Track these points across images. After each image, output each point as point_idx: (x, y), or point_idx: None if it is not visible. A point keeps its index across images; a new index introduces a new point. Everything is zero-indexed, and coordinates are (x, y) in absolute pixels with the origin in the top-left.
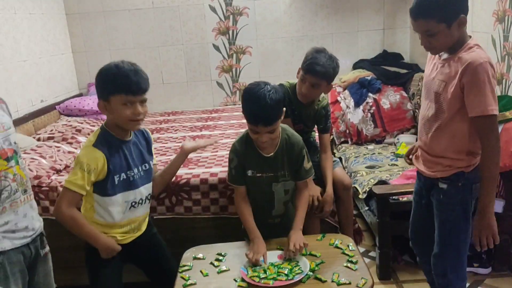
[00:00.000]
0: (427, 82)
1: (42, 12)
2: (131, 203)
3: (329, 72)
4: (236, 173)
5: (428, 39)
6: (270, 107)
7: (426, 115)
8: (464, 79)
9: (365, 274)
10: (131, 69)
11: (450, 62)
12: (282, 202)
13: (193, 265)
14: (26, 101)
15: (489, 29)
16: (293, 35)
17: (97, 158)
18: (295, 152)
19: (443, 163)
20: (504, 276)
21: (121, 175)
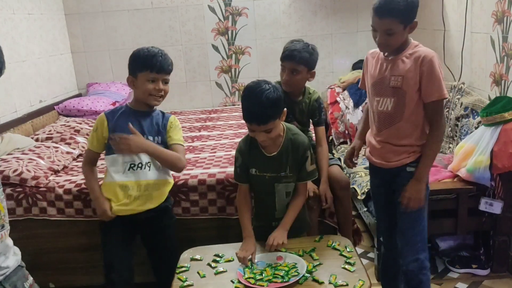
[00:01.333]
0: (378, 81)
1: (41, 12)
2: (130, 165)
3: (305, 56)
4: (240, 172)
5: (386, 37)
6: (264, 107)
7: (382, 111)
8: (422, 69)
9: (362, 275)
10: (158, 51)
11: (402, 59)
12: (284, 205)
13: (190, 266)
14: (25, 101)
15: (488, 30)
16: (293, 36)
17: (100, 118)
18: (299, 153)
19: (408, 150)
20: (503, 278)
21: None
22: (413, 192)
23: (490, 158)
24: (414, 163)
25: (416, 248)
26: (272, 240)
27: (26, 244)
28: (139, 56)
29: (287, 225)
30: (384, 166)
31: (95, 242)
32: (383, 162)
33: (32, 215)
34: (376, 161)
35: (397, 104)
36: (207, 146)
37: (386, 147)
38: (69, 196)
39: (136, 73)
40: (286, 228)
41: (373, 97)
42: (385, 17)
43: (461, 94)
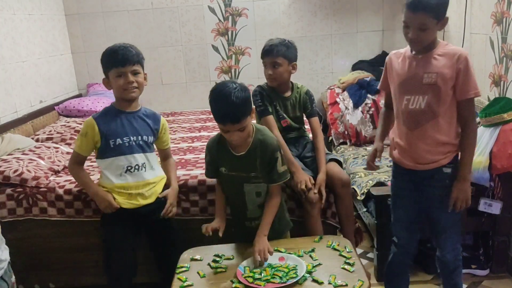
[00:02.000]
0: (408, 79)
1: (41, 13)
2: (126, 167)
3: (282, 49)
4: (210, 168)
5: (419, 33)
6: (236, 105)
7: (414, 109)
8: (459, 67)
9: (361, 276)
10: (119, 46)
11: (434, 57)
12: (255, 205)
13: (190, 266)
14: (25, 101)
15: (487, 30)
16: (292, 36)
17: (89, 123)
18: (268, 154)
19: (443, 150)
20: (502, 278)
21: (117, 140)
22: (460, 193)
23: (489, 159)
24: (450, 164)
25: (454, 241)
26: (259, 254)
27: (26, 244)
28: (104, 56)
29: (265, 230)
30: (418, 168)
31: (95, 242)
32: (417, 165)
33: (32, 215)
34: (409, 163)
35: (431, 101)
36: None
37: (419, 147)
38: (69, 197)
39: (107, 73)
40: (265, 233)
41: (401, 96)
42: (419, 12)
43: None
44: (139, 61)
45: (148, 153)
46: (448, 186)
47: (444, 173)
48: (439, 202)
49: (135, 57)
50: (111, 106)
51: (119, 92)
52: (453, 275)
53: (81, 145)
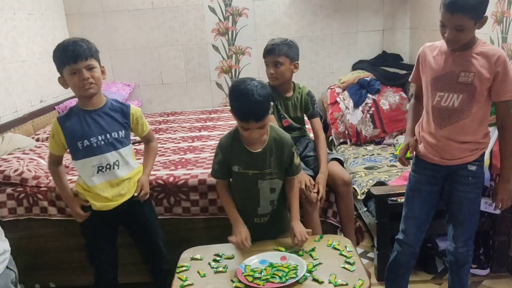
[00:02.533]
0: (443, 75)
1: (41, 12)
2: (98, 168)
3: (284, 49)
4: (219, 168)
5: (457, 33)
6: (259, 103)
7: (446, 106)
8: (497, 69)
9: (362, 275)
10: (69, 41)
11: (472, 56)
12: (268, 201)
13: (190, 266)
14: (26, 101)
15: (488, 30)
16: (293, 36)
17: (54, 125)
18: (284, 150)
19: (470, 147)
20: (502, 278)
21: (84, 141)
22: (504, 194)
23: (490, 158)
24: (476, 161)
25: (469, 235)
26: (299, 236)
27: (27, 243)
28: (55, 53)
29: (298, 215)
30: (445, 163)
31: None
32: (444, 160)
33: (33, 214)
34: (435, 158)
35: (465, 100)
36: (208, 146)
37: (448, 144)
38: None
39: (61, 72)
40: (298, 218)
41: (434, 92)
42: (457, 13)
43: None
44: (92, 55)
45: (121, 149)
46: (471, 183)
47: (469, 170)
48: (460, 197)
49: (87, 51)
50: (76, 106)
51: (76, 90)
52: (461, 271)
53: (52, 146)
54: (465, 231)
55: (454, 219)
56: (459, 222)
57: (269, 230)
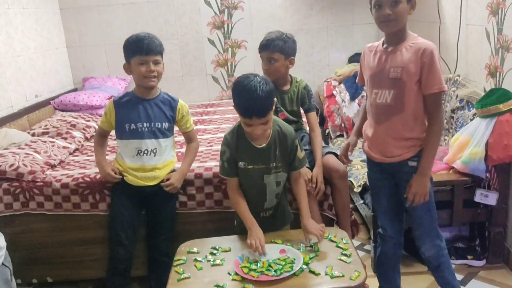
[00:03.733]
0: (377, 73)
1: (36, 7)
2: (137, 151)
3: (279, 44)
4: (228, 166)
5: (392, 8)
6: (262, 99)
7: (381, 103)
8: (423, 61)
9: (358, 267)
10: (145, 35)
11: (401, 50)
12: (274, 194)
13: (187, 259)
14: (21, 96)
15: (483, 22)
16: (289, 29)
17: (110, 105)
18: (288, 143)
19: (409, 144)
20: (498, 269)
21: (131, 124)
22: (418, 187)
23: (485, 150)
24: (415, 157)
25: (433, 235)
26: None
27: (23, 238)
28: (128, 43)
29: (308, 213)
30: (385, 161)
31: (92, 236)
32: (384, 158)
33: (29, 209)
34: (376, 156)
35: (397, 95)
36: (204, 139)
37: (386, 141)
38: (66, 191)
39: (129, 60)
40: (309, 216)
41: (371, 89)
42: None
43: (456, 86)
44: (160, 51)
45: (161, 139)
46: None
47: (410, 166)
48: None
49: (158, 48)
50: (131, 92)
51: (139, 79)
52: (438, 271)
53: (102, 122)
54: (425, 229)
55: (412, 218)
56: (416, 220)
57: (271, 223)
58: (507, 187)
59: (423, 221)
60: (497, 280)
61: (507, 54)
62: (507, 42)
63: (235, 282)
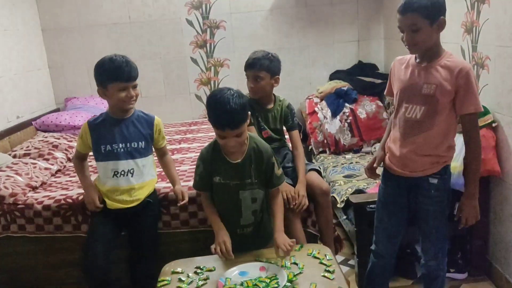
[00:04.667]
0: (408, 87)
1: (17, 28)
2: (113, 172)
3: (265, 63)
4: (200, 180)
5: (412, 34)
6: (235, 111)
7: (410, 118)
8: (459, 82)
9: (341, 283)
10: (122, 61)
11: (436, 68)
12: (250, 211)
13: (171, 280)
14: (2, 117)
15: (458, 39)
16: (271, 48)
17: (84, 128)
18: (264, 160)
19: (433, 160)
20: (481, 281)
21: (107, 146)
22: (470, 210)
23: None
24: (437, 174)
25: (438, 249)
26: (283, 246)
27: (5, 262)
28: (105, 68)
29: (281, 227)
30: (406, 175)
31: (75, 258)
32: (405, 172)
33: (10, 232)
34: (397, 169)
35: (428, 112)
36: (187, 158)
37: (410, 156)
38: (48, 213)
39: (105, 85)
40: (282, 230)
41: (400, 103)
42: (407, 13)
43: None
44: (137, 75)
45: (138, 159)
46: (434, 196)
47: (430, 183)
48: (424, 210)
49: (136, 73)
50: (106, 113)
51: (120, 103)
52: (434, 284)
53: (79, 145)
54: (432, 244)
55: (422, 232)
56: (426, 235)
57: (253, 242)
58: (486, 201)
59: (432, 235)
60: None
61: (482, 71)
62: (482, 59)
63: None
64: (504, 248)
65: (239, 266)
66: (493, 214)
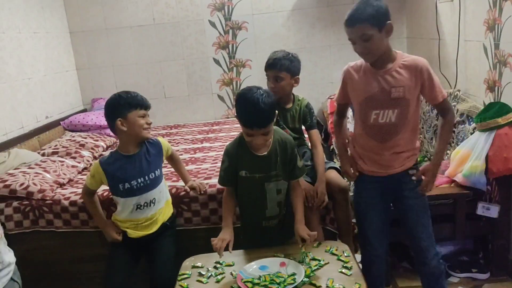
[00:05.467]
0: (375, 94)
1: (46, 31)
2: (136, 206)
3: (285, 63)
4: (225, 175)
5: (364, 44)
6: (264, 110)
7: (385, 123)
8: (423, 77)
9: (359, 279)
10: (136, 92)
11: (396, 70)
12: (275, 202)
13: (191, 274)
14: (32, 117)
15: (481, 37)
16: (292, 48)
17: (97, 169)
18: (288, 152)
19: (409, 155)
20: (503, 281)
21: (125, 184)
22: (431, 176)
23: (485, 163)
24: (415, 165)
25: (433, 240)
26: (306, 235)
27: (33, 255)
28: (123, 99)
29: (302, 218)
30: (388, 174)
31: (100, 253)
32: (388, 171)
33: (39, 227)
34: (380, 171)
35: (401, 113)
36: (209, 157)
37: (392, 157)
38: (74, 208)
39: (125, 114)
40: (303, 222)
41: (368, 111)
42: (355, 24)
43: (457, 101)
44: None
45: (157, 187)
46: (415, 187)
47: (410, 174)
48: (412, 204)
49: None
50: (116, 152)
51: (138, 131)
52: (438, 283)
53: (90, 183)
54: (428, 239)
55: (416, 231)
56: (422, 231)
57: (278, 235)
58: (509, 200)
59: (427, 227)
60: None
61: (505, 69)
62: (504, 56)
63: None
64: None
65: (258, 261)
66: None
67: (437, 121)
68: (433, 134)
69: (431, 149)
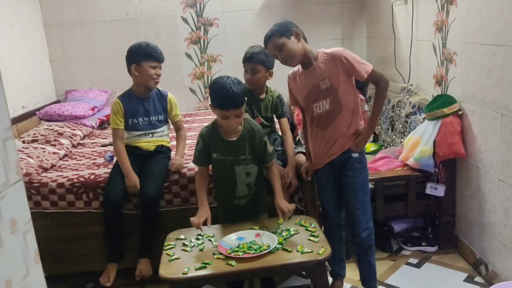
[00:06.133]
0: (309, 91)
1: (22, 23)
2: (139, 135)
3: (262, 58)
4: (199, 155)
5: (281, 53)
6: (236, 92)
7: (322, 112)
8: (342, 64)
9: (325, 244)
10: (155, 45)
11: (319, 66)
12: (244, 184)
13: (176, 244)
14: (9, 107)
15: (430, 37)
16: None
17: (117, 103)
18: (256, 139)
19: (348, 136)
20: (449, 253)
21: (133, 119)
22: (365, 136)
23: (433, 148)
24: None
25: (368, 217)
26: (286, 209)
27: None
28: (142, 48)
29: (281, 194)
30: (332, 159)
31: (87, 232)
32: (331, 157)
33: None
34: (327, 160)
35: (333, 100)
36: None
37: (332, 141)
38: (61, 190)
39: (140, 62)
40: (281, 196)
41: (309, 105)
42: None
43: (409, 94)
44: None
45: (157, 128)
46: (358, 168)
47: (353, 157)
48: (352, 183)
49: (164, 57)
50: (130, 91)
51: (147, 80)
52: (367, 255)
53: (116, 121)
54: (363, 214)
55: (352, 206)
56: (357, 207)
57: (248, 212)
58: (453, 180)
59: (362, 206)
60: (447, 263)
61: (450, 65)
62: (450, 54)
63: (220, 260)
64: (469, 223)
65: (236, 233)
66: (459, 192)
67: (393, 113)
68: (389, 124)
69: (388, 138)
